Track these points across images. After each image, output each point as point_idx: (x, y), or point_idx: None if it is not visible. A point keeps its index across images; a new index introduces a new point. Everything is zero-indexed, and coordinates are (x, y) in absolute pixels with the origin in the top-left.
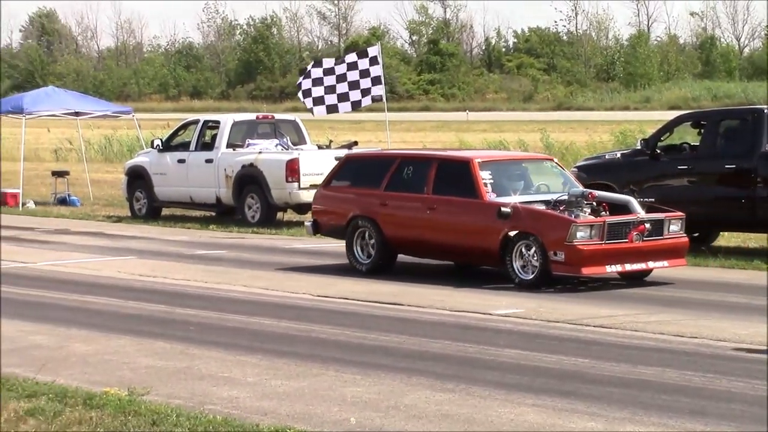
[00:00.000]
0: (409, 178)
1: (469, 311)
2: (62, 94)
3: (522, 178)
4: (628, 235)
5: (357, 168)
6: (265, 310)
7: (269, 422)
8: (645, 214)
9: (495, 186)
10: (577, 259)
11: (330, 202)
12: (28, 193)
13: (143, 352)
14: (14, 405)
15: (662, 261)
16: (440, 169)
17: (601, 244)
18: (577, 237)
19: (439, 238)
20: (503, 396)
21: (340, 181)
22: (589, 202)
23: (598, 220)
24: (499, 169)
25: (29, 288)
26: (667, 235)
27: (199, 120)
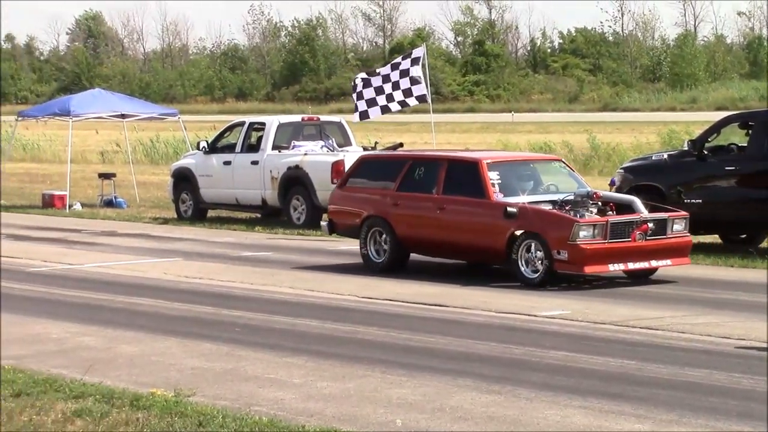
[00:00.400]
0: (421, 178)
1: (515, 312)
2: (109, 96)
3: (530, 178)
4: (631, 234)
5: (371, 169)
6: (310, 311)
7: (315, 424)
8: (648, 213)
9: (503, 186)
10: (580, 257)
11: (345, 202)
12: (75, 195)
13: (190, 354)
14: (62, 406)
15: (666, 260)
16: (450, 170)
17: (604, 243)
18: (579, 236)
19: (448, 237)
20: (550, 398)
21: (355, 182)
22: (595, 202)
23: (600, 219)
24: (507, 169)
25: (76, 289)
26: (670, 234)
27: (245, 122)
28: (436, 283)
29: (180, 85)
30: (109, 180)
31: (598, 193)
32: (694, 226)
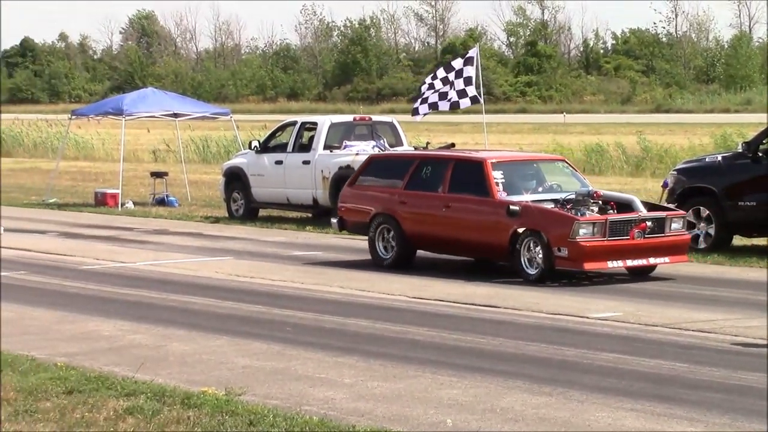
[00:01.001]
0: (427, 177)
1: (566, 314)
2: (161, 95)
3: (534, 177)
4: (629, 232)
5: (380, 168)
6: (361, 311)
7: (365, 424)
8: (647, 212)
9: (506, 185)
10: (580, 254)
11: (355, 199)
12: (127, 193)
13: (241, 353)
14: (113, 403)
15: (664, 257)
16: (456, 169)
17: (603, 241)
18: (579, 234)
19: (453, 234)
20: (601, 400)
21: (365, 180)
22: (596, 201)
23: (600, 218)
24: (511, 169)
25: (128, 288)
26: (668, 232)
27: (297, 122)
28: (487, 284)
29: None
30: (161, 179)
31: (599, 192)
32: (747, 229)
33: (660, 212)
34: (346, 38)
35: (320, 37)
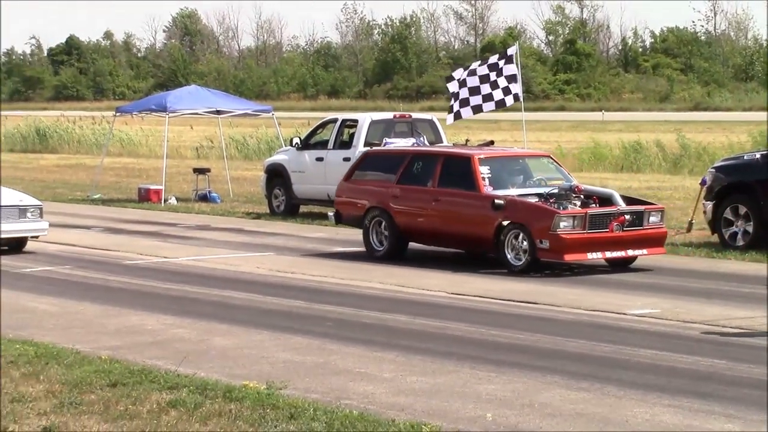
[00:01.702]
0: (418, 172)
1: (604, 311)
2: (204, 92)
3: (520, 173)
4: (609, 225)
5: (375, 163)
6: (400, 307)
7: (405, 418)
8: (626, 206)
9: (493, 180)
10: (560, 246)
11: (350, 194)
12: (170, 189)
13: (281, 347)
14: (157, 396)
15: (642, 249)
16: (445, 165)
17: (583, 233)
18: (560, 227)
19: (442, 227)
20: (639, 396)
21: (360, 175)
22: (577, 195)
23: (580, 211)
24: (497, 164)
25: (171, 282)
26: (647, 225)
27: (338, 119)
28: (526, 281)
29: (274, 82)
30: (203, 175)
31: (580, 186)
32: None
33: (638, 206)
34: (386, 36)
35: (361, 36)
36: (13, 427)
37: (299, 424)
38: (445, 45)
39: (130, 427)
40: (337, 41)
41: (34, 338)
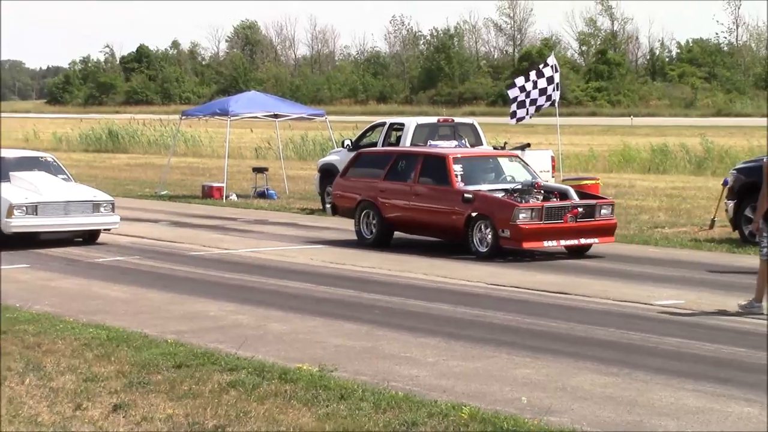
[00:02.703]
0: (402, 170)
1: (632, 301)
2: (263, 97)
3: (492, 171)
4: (563, 216)
5: (366, 161)
6: (443, 296)
7: (446, 399)
8: (579, 200)
9: (465, 177)
10: (519, 235)
11: (345, 189)
12: (231, 186)
13: (333, 333)
14: (218, 377)
15: (594, 238)
16: (424, 163)
17: (540, 224)
18: (519, 218)
19: (421, 218)
20: (664, 381)
21: (354, 172)
22: (538, 190)
23: (537, 204)
24: (469, 163)
25: (232, 272)
26: (598, 217)
27: (386, 122)
28: (559, 274)
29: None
30: (261, 174)
31: (539, 182)
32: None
33: (590, 200)
34: (431, 46)
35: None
36: (87, 405)
37: (349, 404)
38: (485, 54)
39: (193, 405)
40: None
41: (106, 323)
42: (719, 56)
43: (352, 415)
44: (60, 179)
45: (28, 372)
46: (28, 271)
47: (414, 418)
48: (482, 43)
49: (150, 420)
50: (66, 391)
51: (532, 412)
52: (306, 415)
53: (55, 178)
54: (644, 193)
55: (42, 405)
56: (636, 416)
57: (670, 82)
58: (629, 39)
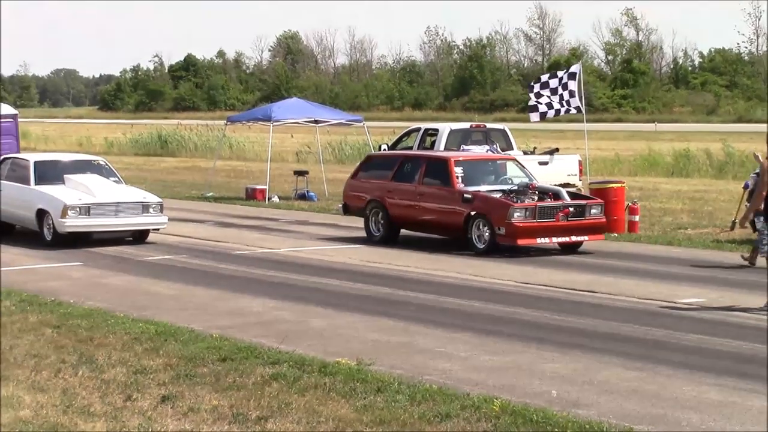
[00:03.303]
0: (408, 171)
1: (657, 299)
2: (304, 104)
3: (491, 173)
4: (555, 215)
5: (375, 164)
6: (475, 294)
7: (478, 392)
8: (570, 200)
9: (465, 179)
10: (514, 232)
11: (355, 190)
12: (273, 189)
13: (370, 328)
14: (260, 370)
15: (584, 236)
16: (428, 165)
17: (533, 222)
18: (514, 217)
19: (425, 216)
20: (687, 375)
21: (363, 174)
22: (533, 191)
23: (531, 204)
24: (470, 166)
25: (274, 270)
26: (588, 216)
27: (421, 128)
28: (587, 272)
29: (364, 95)
30: (302, 176)
31: (534, 184)
32: None
33: (581, 200)
34: (464, 56)
35: (442, 55)
36: (136, 396)
37: (385, 396)
38: (515, 63)
39: (237, 397)
40: (421, 60)
41: (154, 318)
42: (740, 65)
43: (389, 406)
44: (111, 181)
45: (81, 364)
46: (81, 269)
47: (447, 410)
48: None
49: (196, 411)
50: (117, 383)
51: (561, 405)
52: (344, 407)
53: (107, 180)
54: (668, 195)
55: (94, 396)
56: (660, 409)
57: (692, 89)
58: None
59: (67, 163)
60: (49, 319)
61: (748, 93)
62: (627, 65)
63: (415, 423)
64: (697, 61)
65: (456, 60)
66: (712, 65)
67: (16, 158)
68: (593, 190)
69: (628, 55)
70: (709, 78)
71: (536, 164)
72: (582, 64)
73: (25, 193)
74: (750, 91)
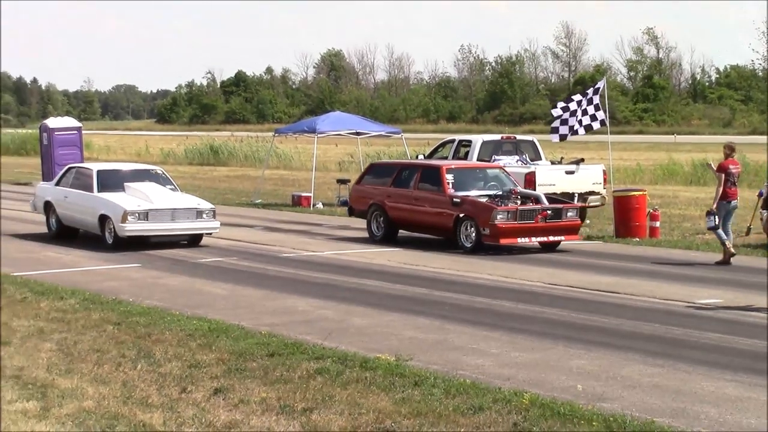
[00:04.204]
0: (405, 178)
1: (676, 300)
2: (346, 117)
3: (480, 180)
4: (535, 218)
5: (377, 171)
6: (505, 294)
7: (509, 386)
8: (549, 204)
9: (456, 185)
10: (497, 233)
11: (359, 194)
12: (317, 196)
13: (408, 326)
14: (306, 365)
15: (560, 236)
16: (423, 173)
17: (514, 224)
18: (497, 219)
19: (419, 218)
20: (705, 372)
21: (366, 180)
22: (516, 196)
23: (512, 207)
24: (459, 173)
25: (318, 272)
26: (564, 219)
27: (455, 139)
28: (611, 274)
29: (402, 109)
30: (344, 184)
31: (516, 189)
32: None
33: (558, 204)
34: (495, 72)
35: (474, 71)
36: (191, 388)
37: (422, 390)
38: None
39: (284, 389)
40: (455, 76)
41: (207, 316)
42: (755, 81)
43: (425, 399)
44: (168, 189)
45: (140, 359)
46: (139, 270)
47: (480, 402)
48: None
49: (246, 402)
50: (173, 376)
51: (586, 399)
52: (384, 400)
53: (163, 188)
54: (686, 203)
55: (152, 388)
56: (680, 403)
57: (710, 103)
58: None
59: (127, 172)
60: (110, 317)
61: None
62: (648, 81)
63: (450, 415)
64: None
65: (488, 76)
66: (728, 81)
67: (80, 167)
68: (617, 197)
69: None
70: (725, 93)
71: (563, 173)
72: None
73: (88, 200)
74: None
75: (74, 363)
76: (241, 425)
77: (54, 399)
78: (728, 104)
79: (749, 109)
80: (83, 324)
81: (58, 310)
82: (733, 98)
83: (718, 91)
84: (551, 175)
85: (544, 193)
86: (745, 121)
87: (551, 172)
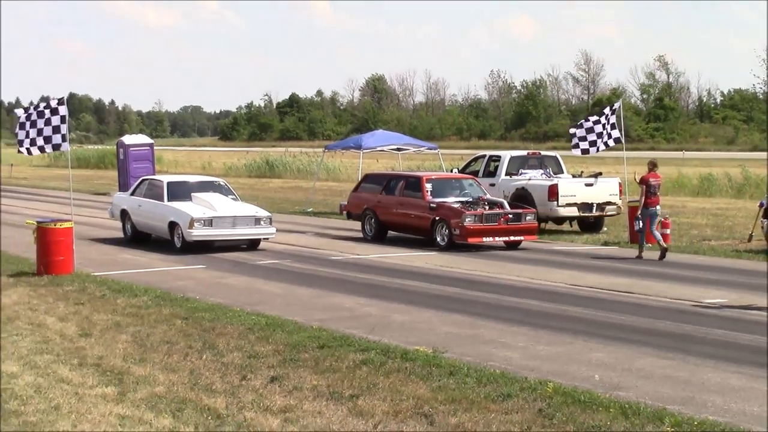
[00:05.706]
0: (392, 186)
1: (686, 299)
2: (388, 135)
3: (455, 188)
4: (498, 221)
5: (371, 181)
6: (531, 294)
7: (534, 376)
8: (510, 209)
9: (434, 192)
10: (466, 233)
11: (356, 200)
12: None
13: (444, 322)
14: (352, 356)
15: (520, 236)
16: (407, 182)
17: (480, 225)
18: (466, 221)
19: (403, 221)
20: (712, 365)
21: (362, 187)
22: (483, 202)
23: (478, 211)
24: (438, 183)
25: (363, 273)
26: (524, 222)
27: (486, 155)
28: (628, 276)
29: (438, 127)
30: None
31: (483, 197)
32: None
33: (518, 209)
34: (521, 95)
35: (503, 94)
36: (250, 376)
37: (456, 379)
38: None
39: (333, 378)
40: (486, 98)
41: (265, 312)
42: (756, 103)
43: (459, 387)
44: (230, 199)
45: (205, 350)
46: (205, 271)
47: (509, 390)
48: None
49: (299, 389)
50: (234, 365)
51: (604, 388)
52: (422, 388)
53: (225, 197)
54: (694, 212)
55: (215, 376)
56: (689, 393)
57: (715, 123)
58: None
59: (193, 184)
60: (179, 312)
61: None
62: (659, 102)
63: (482, 401)
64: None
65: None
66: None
67: (152, 179)
68: (631, 207)
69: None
70: (729, 113)
71: (583, 186)
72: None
73: (159, 208)
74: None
75: (147, 353)
76: (295, 409)
77: (129, 385)
78: (732, 124)
79: (751, 129)
80: (155, 318)
81: (132, 306)
82: (736, 118)
83: (723, 112)
84: (572, 187)
85: (565, 203)
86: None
87: (572, 184)
